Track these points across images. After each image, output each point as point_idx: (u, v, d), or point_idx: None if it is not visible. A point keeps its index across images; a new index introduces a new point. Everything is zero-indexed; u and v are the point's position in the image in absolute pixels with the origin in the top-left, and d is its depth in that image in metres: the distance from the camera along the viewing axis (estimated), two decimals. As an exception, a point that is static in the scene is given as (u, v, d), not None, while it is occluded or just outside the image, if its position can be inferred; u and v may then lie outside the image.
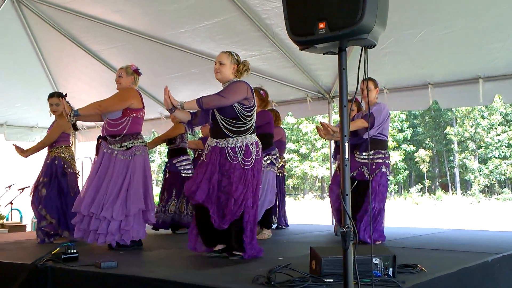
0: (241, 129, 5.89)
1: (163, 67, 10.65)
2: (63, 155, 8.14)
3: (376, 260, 4.27)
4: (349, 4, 3.18)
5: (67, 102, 7.46)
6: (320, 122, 7.09)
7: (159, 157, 49.81)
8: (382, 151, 7.29)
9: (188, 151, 9.64)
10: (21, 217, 14.31)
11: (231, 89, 5.88)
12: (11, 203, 13.74)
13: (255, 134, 6.07)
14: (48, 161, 8.17)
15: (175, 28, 9.23)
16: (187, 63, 10.18)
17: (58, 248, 5.56)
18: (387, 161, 7.31)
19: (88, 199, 6.73)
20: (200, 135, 9.90)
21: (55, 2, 9.35)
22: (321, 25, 3.24)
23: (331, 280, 4.08)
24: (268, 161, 7.89)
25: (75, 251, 5.54)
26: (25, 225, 12.70)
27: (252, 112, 5.99)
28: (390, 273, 4.33)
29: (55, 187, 8.02)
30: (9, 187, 13.69)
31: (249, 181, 5.85)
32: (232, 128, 5.87)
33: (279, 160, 8.48)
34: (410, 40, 8.24)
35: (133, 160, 6.88)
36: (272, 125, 8.24)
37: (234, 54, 6.11)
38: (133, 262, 5.82)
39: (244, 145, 5.88)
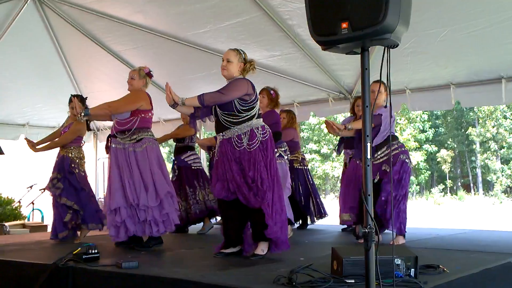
0: (240, 119, 5.97)
1: (185, 68, 10.67)
2: (71, 155, 8.27)
3: (398, 261, 4.25)
4: (372, 4, 3.16)
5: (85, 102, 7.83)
6: (326, 120, 7.18)
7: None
8: (394, 142, 7.34)
9: (197, 150, 9.76)
10: (42, 217, 14.36)
11: (232, 86, 5.99)
12: (32, 203, 13.79)
13: (261, 119, 6.14)
14: (57, 159, 8.36)
15: (197, 28, 9.25)
16: (209, 63, 10.17)
17: (79, 248, 5.58)
18: (403, 149, 7.36)
19: (118, 194, 6.88)
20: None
21: (77, 2, 9.41)
22: (344, 25, 3.23)
23: (353, 281, 4.06)
24: (277, 154, 7.88)
25: (96, 251, 5.57)
26: (46, 225, 12.72)
27: (253, 107, 6.04)
28: (412, 273, 4.31)
29: (67, 182, 8.15)
30: (31, 187, 13.76)
31: (258, 161, 5.89)
32: (231, 119, 5.97)
33: (288, 153, 8.50)
34: (432, 40, 8.19)
35: (145, 151, 7.01)
36: (280, 125, 8.28)
37: (242, 52, 6.18)
38: (154, 262, 5.84)
39: (249, 130, 5.95)
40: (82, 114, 6.91)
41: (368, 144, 3.33)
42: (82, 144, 8.53)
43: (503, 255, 5.79)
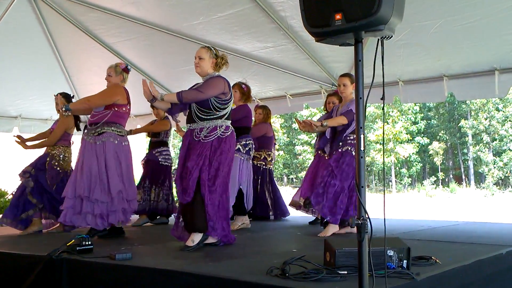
0: (212, 116, 6.17)
1: (178, 59, 10.65)
2: (54, 151, 8.48)
3: (390, 252, 4.27)
4: (365, -5, 3.16)
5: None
6: (297, 120, 7.59)
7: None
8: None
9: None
10: (36, 209, 14.35)
11: (209, 84, 6.18)
12: (25, 195, 13.80)
13: (229, 121, 6.34)
14: (41, 154, 8.62)
15: (190, 20, 9.22)
16: (201, 55, 10.18)
17: (73, 240, 5.59)
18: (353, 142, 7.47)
19: (72, 184, 7.12)
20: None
21: (70, -6, 9.38)
22: (338, 17, 3.23)
23: (345, 272, 4.07)
24: (236, 147, 7.92)
25: (89, 243, 5.58)
26: (39, 218, 12.73)
27: (227, 105, 6.28)
28: (404, 265, 4.33)
29: (36, 178, 8.35)
30: (24, 179, 13.75)
31: (205, 153, 6.06)
32: (203, 116, 6.17)
33: (252, 149, 8.57)
34: (425, 32, 8.18)
35: (103, 145, 7.19)
36: (250, 119, 8.52)
37: (212, 48, 6.44)
38: (148, 253, 5.86)
39: (212, 126, 6.14)
40: (64, 109, 7.30)
41: (362, 136, 3.33)
42: (71, 144, 8.72)
43: (495, 247, 5.82)
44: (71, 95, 8.75)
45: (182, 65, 10.79)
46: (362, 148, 3.34)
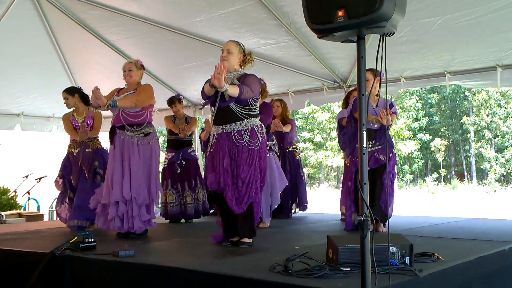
0: (251, 112, 6.03)
1: (180, 57, 10.65)
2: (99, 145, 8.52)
3: (393, 249, 4.27)
4: (368, -8, 3.16)
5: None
6: (382, 111, 7.12)
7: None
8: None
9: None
10: (38, 206, 14.39)
11: (253, 82, 5.98)
12: (28, 192, 13.83)
13: (258, 118, 6.19)
14: (90, 151, 8.39)
15: (192, 17, 9.22)
16: (203, 52, 10.16)
17: (76, 237, 5.60)
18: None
19: (118, 187, 6.91)
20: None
21: (71, -9, 9.38)
22: (340, 13, 3.23)
23: (348, 269, 4.07)
24: (268, 147, 7.93)
25: (92, 240, 5.59)
26: (42, 215, 12.77)
27: (257, 102, 6.16)
28: (407, 261, 4.33)
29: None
30: (26, 176, 13.79)
31: (255, 162, 5.94)
32: (245, 112, 5.98)
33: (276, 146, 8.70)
34: (427, 29, 8.19)
35: (151, 147, 7.13)
36: (271, 117, 8.33)
37: (241, 44, 6.23)
38: (151, 251, 5.87)
39: (250, 127, 5.98)
40: (110, 104, 6.82)
41: (364, 133, 3.33)
42: None
43: (497, 243, 5.82)
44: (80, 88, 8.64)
45: (184, 62, 10.80)
46: (364, 145, 3.34)
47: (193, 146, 9.86)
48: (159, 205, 7.82)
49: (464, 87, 10.01)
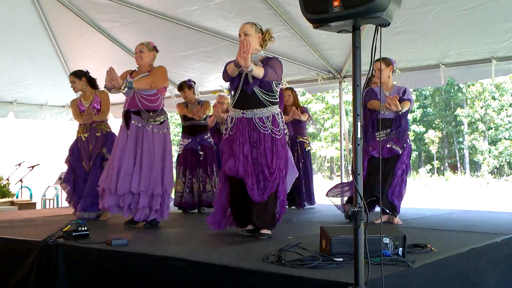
0: (273, 99, 5.93)
1: (174, 45, 10.61)
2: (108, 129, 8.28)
3: (386, 240, 4.28)
4: (364, -19, 3.14)
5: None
6: (389, 98, 6.94)
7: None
8: None
9: None
10: (31, 195, 14.37)
11: (277, 66, 5.85)
12: (21, 180, 13.82)
13: (278, 105, 6.07)
14: (100, 134, 8.16)
15: (186, 5, 9.19)
16: (198, 41, 10.15)
17: (69, 226, 5.59)
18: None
19: (127, 178, 6.77)
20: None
21: (66, -21, 9.35)
22: (336, 3, 3.22)
23: (341, 259, 4.08)
24: None
25: (85, 228, 5.58)
26: (34, 203, 12.75)
27: (279, 86, 6.05)
28: (400, 252, 4.34)
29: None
30: (19, 164, 13.78)
31: (280, 151, 5.85)
32: (268, 99, 5.88)
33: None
34: (423, 19, 8.18)
35: (165, 136, 6.99)
36: (283, 106, 8.26)
37: (257, 24, 6.08)
38: (144, 240, 5.86)
39: (271, 115, 5.89)
40: (126, 85, 6.59)
41: (359, 123, 3.33)
42: None
43: (490, 235, 5.84)
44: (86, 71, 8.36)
45: (179, 51, 10.77)
46: (358, 136, 3.34)
47: (208, 132, 9.41)
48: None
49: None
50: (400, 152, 7.15)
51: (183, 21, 9.69)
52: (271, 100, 5.91)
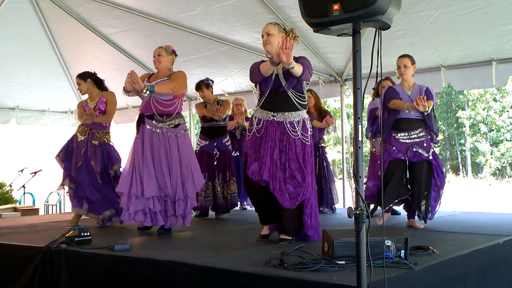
0: (303, 103, 5.77)
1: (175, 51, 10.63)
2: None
3: (388, 242, 4.28)
4: (363, -15, 3.15)
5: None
6: (419, 97, 6.70)
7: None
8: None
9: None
10: (34, 200, 14.36)
11: (311, 66, 5.70)
12: (23, 187, 13.80)
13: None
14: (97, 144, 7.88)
15: (187, 10, 9.21)
16: (199, 46, 10.16)
17: (72, 231, 5.59)
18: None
19: (153, 182, 6.57)
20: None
21: (66, -15, 9.37)
22: (335, 7, 3.23)
23: (343, 262, 4.08)
24: None
25: (88, 233, 5.57)
26: (37, 209, 12.75)
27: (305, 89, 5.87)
28: (402, 255, 4.34)
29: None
30: (22, 171, 13.77)
31: (308, 157, 5.68)
32: (299, 101, 5.71)
33: None
34: (423, 22, 8.20)
35: (183, 137, 6.79)
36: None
37: (279, 23, 5.89)
38: (147, 244, 5.87)
39: (302, 120, 5.72)
40: (148, 90, 6.44)
41: (360, 126, 3.34)
42: None
43: (492, 237, 5.83)
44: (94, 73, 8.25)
45: (179, 56, 10.69)
46: (360, 139, 3.34)
47: (227, 135, 9.07)
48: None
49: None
50: (427, 156, 6.91)
51: (183, 26, 9.71)
52: (302, 103, 5.73)
